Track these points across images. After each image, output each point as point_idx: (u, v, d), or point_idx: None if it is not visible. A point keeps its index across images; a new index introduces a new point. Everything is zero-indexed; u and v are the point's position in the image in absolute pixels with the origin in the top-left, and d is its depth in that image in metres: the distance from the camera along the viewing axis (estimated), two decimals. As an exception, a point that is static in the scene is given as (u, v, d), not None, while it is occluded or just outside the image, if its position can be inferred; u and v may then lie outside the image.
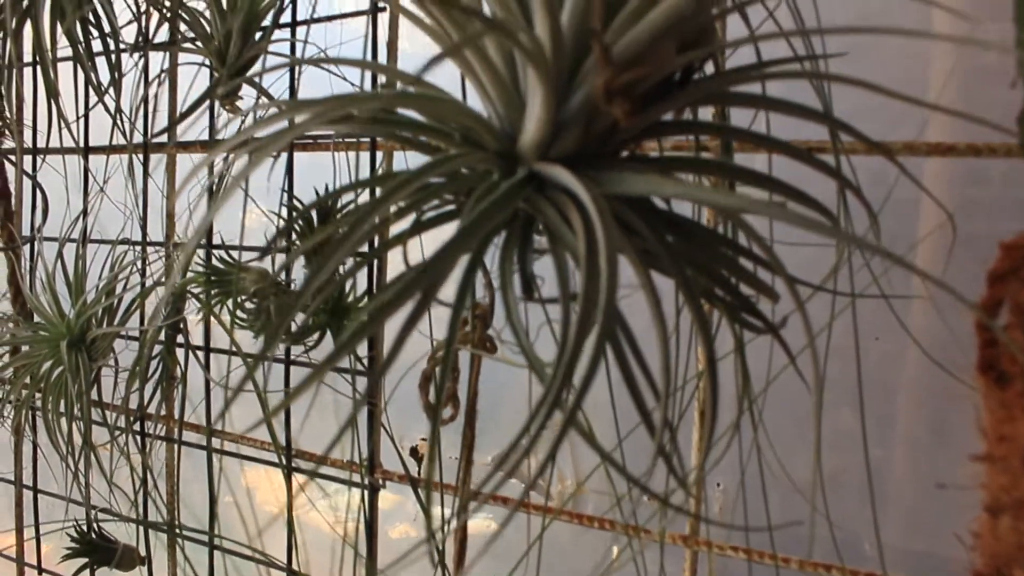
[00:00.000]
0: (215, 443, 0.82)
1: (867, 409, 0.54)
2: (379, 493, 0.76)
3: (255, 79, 0.72)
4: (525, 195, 0.33)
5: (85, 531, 0.89)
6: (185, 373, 0.84)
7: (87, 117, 0.87)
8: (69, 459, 0.82)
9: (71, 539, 0.89)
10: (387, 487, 0.76)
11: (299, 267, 0.75)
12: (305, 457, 0.78)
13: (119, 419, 0.83)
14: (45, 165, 0.94)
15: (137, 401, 0.84)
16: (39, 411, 0.83)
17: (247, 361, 0.76)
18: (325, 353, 0.74)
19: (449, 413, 0.53)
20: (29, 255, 0.95)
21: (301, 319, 0.68)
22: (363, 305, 0.71)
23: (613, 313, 0.29)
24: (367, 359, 0.72)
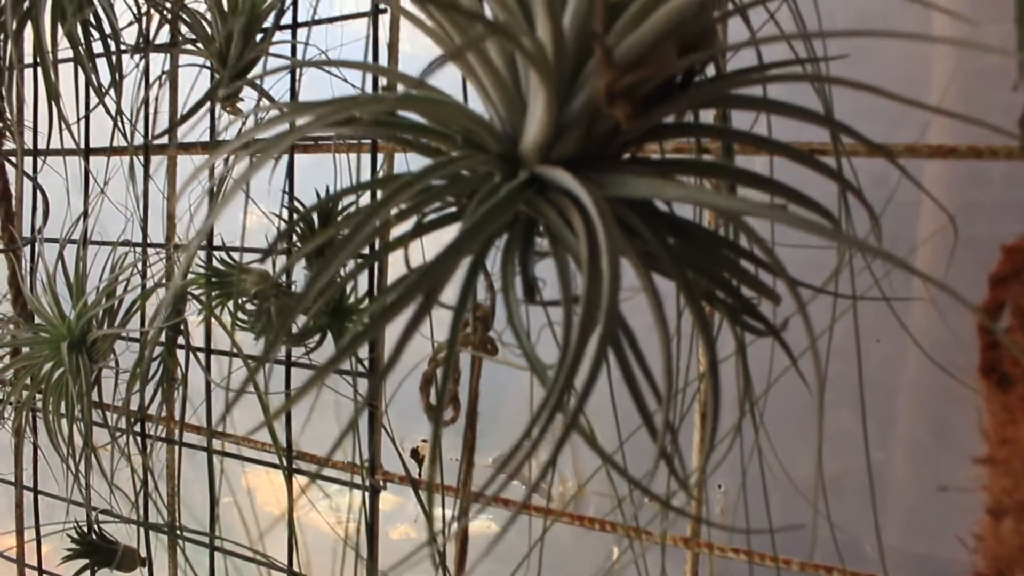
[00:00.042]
0: (216, 444, 0.82)
1: (868, 411, 0.54)
2: (380, 494, 0.76)
3: (256, 81, 0.72)
4: (527, 197, 0.33)
5: (86, 532, 0.89)
6: (186, 374, 0.84)
7: (88, 118, 0.87)
8: (70, 460, 0.82)
9: (71, 540, 0.89)
10: (388, 488, 0.76)
11: (300, 268, 0.75)
12: (306, 459, 0.78)
13: (120, 420, 0.83)
14: (46, 166, 0.94)
15: (138, 402, 0.84)
16: (40, 412, 0.83)
17: (248, 363, 0.76)
18: (326, 354, 0.74)
19: (450, 415, 0.53)
20: (30, 256, 0.95)
21: (302, 321, 0.68)
22: (364, 307, 0.71)
23: (615, 316, 0.29)
24: (368, 361, 0.72)
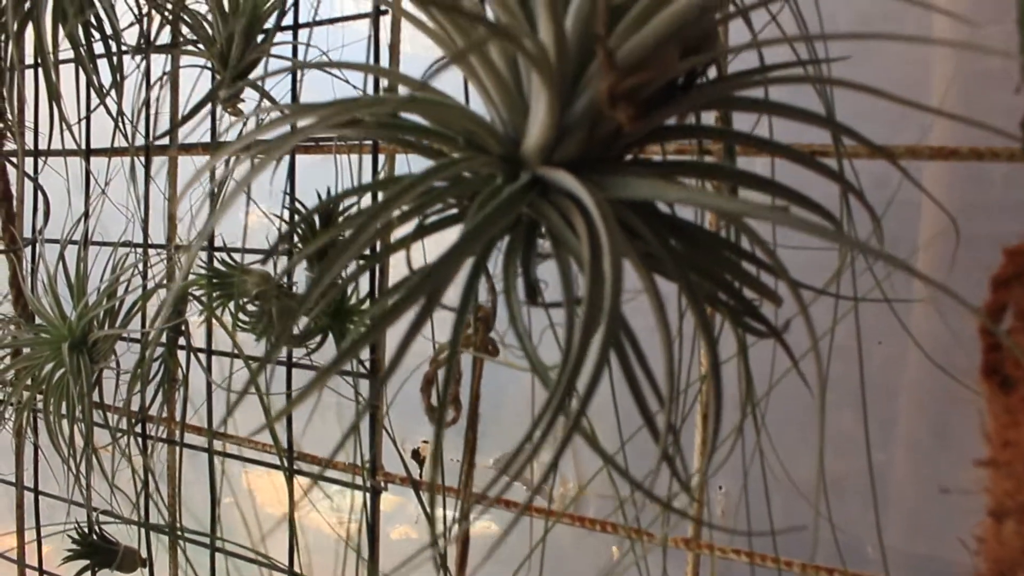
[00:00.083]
0: (217, 445, 0.82)
1: (869, 412, 0.54)
2: (381, 495, 0.76)
3: (257, 82, 0.72)
4: (529, 199, 0.32)
5: (86, 533, 0.89)
6: (187, 375, 0.84)
7: (89, 119, 0.87)
8: (70, 461, 0.82)
9: (72, 541, 0.89)
10: (388, 489, 0.76)
11: (300, 269, 0.75)
12: (307, 460, 0.78)
13: (120, 421, 0.83)
14: (47, 167, 0.94)
15: (138, 403, 0.84)
16: (40, 413, 0.83)
17: (249, 364, 0.76)
18: (327, 355, 0.74)
19: (451, 416, 0.53)
20: (31, 257, 0.95)
21: (304, 322, 0.68)
22: (365, 308, 0.71)
23: (618, 318, 0.29)
24: (369, 362, 0.72)
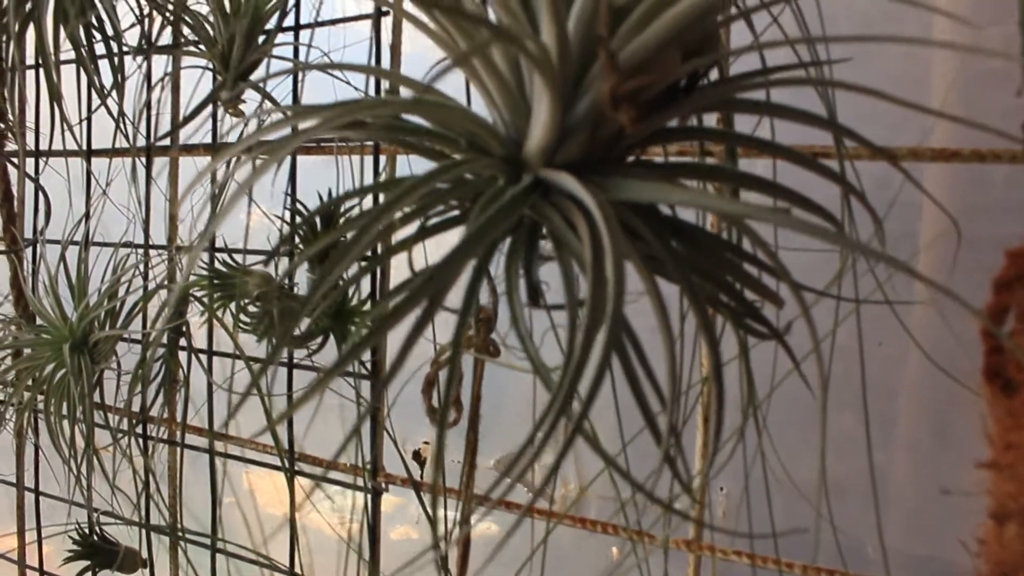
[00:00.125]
0: (218, 446, 0.82)
1: (870, 413, 0.54)
2: (382, 496, 0.76)
3: (259, 83, 0.72)
4: (531, 201, 0.32)
5: (87, 534, 0.89)
6: (188, 376, 0.84)
7: (90, 120, 0.86)
8: (71, 462, 0.82)
9: (73, 542, 0.89)
10: (389, 490, 0.76)
11: (301, 270, 0.75)
12: (308, 461, 0.78)
13: (121, 422, 0.83)
14: (48, 168, 0.94)
15: (139, 404, 0.84)
16: (41, 414, 0.83)
17: (250, 365, 0.76)
18: (328, 356, 0.74)
19: (452, 417, 0.53)
20: (31, 258, 0.95)
21: (305, 323, 0.68)
22: (367, 309, 0.71)
23: (620, 320, 0.29)
24: (370, 363, 0.72)
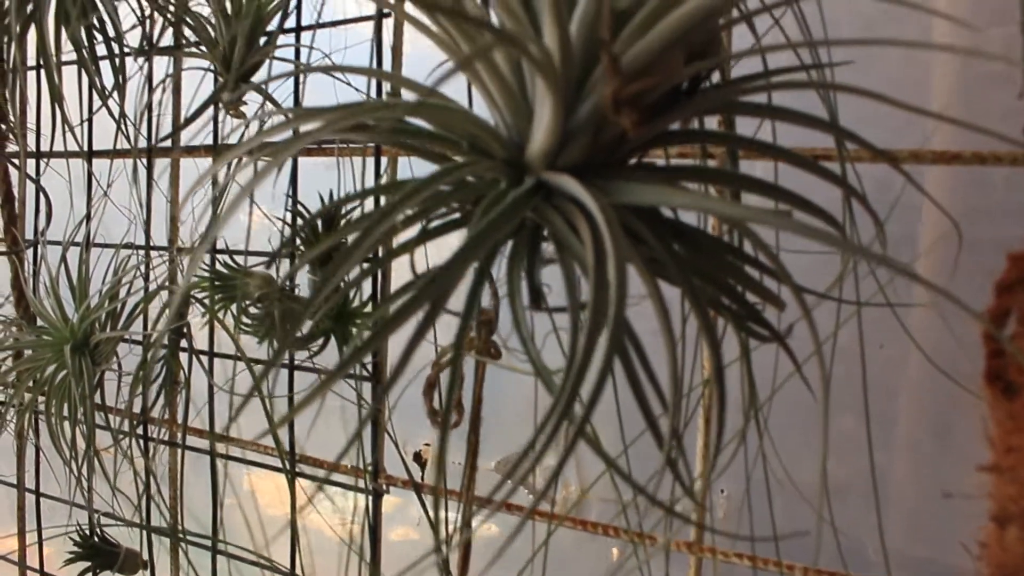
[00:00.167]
0: (219, 448, 0.82)
1: (871, 415, 0.54)
2: (383, 498, 0.76)
3: (261, 85, 0.72)
4: (533, 204, 0.33)
5: (88, 535, 0.89)
6: (189, 378, 0.84)
7: (91, 121, 0.87)
8: (72, 463, 0.82)
9: (74, 543, 0.89)
10: (390, 492, 0.76)
11: (302, 271, 0.75)
12: (309, 462, 0.78)
13: (122, 423, 0.84)
14: (49, 169, 0.94)
15: (140, 405, 0.84)
16: (42, 415, 0.83)
17: (251, 366, 0.76)
18: (329, 358, 0.74)
19: (453, 419, 0.53)
20: (33, 259, 0.95)
21: (306, 325, 0.68)
22: (368, 311, 0.71)
23: (622, 323, 0.29)
24: (371, 365, 0.72)
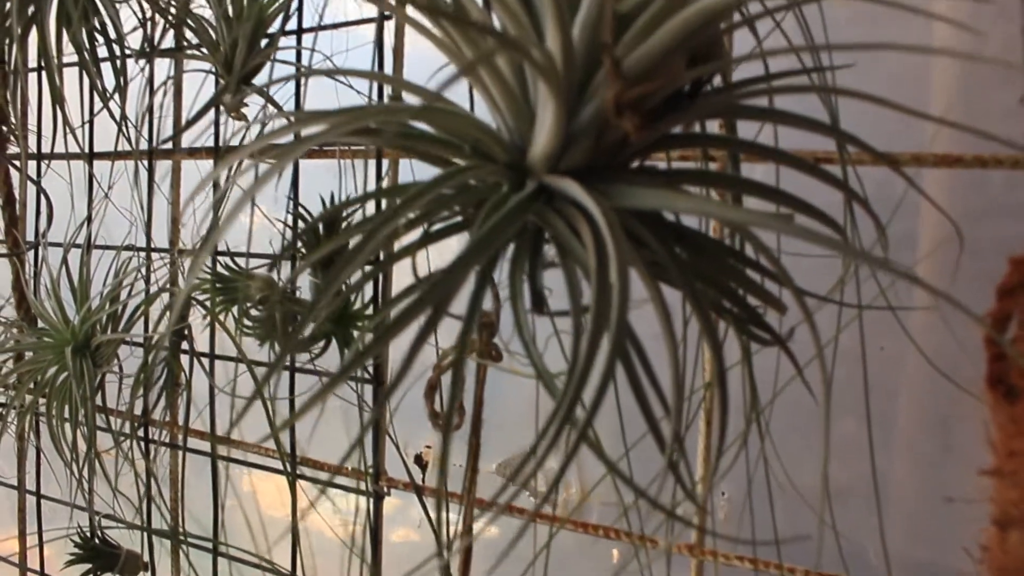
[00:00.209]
0: (220, 450, 0.82)
1: (872, 418, 0.54)
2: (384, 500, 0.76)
3: (262, 87, 0.72)
4: (535, 208, 0.33)
5: (88, 537, 0.89)
6: (190, 380, 0.84)
7: (92, 123, 0.87)
8: (73, 465, 0.82)
9: (74, 545, 0.89)
10: (391, 494, 0.76)
11: (304, 274, 0.75)
12: (310, 464, 0.78)
13: (123, 425, 0.84)
14: (50, 171, 0.94)
15: (141, 407, 0.84)
16: (43, 417, 0.83)
17: (252, 368, 0.76)
18: (331, 360, 0.74)
19: (455, 421, 0.53)
20: (33, 261, 0.95)
21: (308, 328, 0.68)
22: (369, 314, 0.71)
23: (625, 327, 0.29)
24: (372, 368, 0.72)
